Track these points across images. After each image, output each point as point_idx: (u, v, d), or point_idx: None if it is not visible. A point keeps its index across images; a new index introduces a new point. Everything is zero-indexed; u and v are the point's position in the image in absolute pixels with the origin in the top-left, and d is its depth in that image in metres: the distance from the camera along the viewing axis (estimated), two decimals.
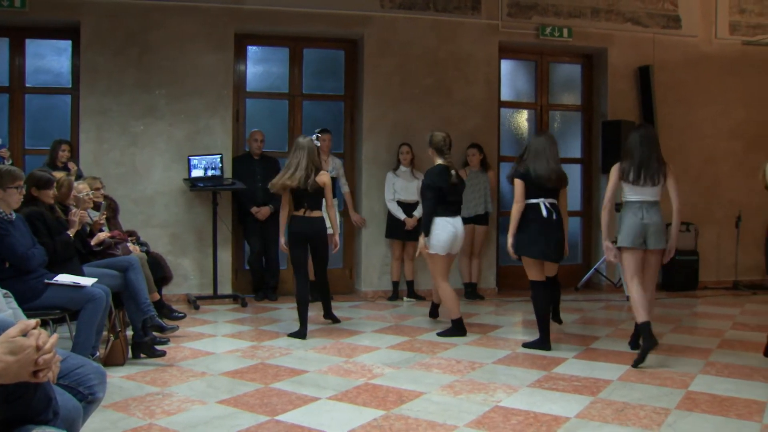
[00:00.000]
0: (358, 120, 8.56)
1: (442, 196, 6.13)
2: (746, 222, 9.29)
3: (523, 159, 5.83)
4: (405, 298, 8.20)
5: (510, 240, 5.72)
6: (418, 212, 8.03)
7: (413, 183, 8.11)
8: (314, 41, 8.59)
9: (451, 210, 6.21)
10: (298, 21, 8.17)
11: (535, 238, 5.64)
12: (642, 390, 4.49)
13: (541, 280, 5.74)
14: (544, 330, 5.71)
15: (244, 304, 7.54)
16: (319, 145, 6.69)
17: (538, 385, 4.61)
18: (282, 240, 6.41)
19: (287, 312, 7.32)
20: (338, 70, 8.75)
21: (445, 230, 6.12)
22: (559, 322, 6.60)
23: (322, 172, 6.23)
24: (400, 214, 8.04)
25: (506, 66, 9.28)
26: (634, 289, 5.32)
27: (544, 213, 5.64)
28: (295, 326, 6.18)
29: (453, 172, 6.22)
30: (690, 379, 4.76)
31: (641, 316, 5.23)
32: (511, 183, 5.79)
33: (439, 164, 6.22)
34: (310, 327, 6.37)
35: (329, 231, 6.57)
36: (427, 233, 6.13)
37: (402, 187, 8.11)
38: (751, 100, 9.67)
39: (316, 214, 6.22)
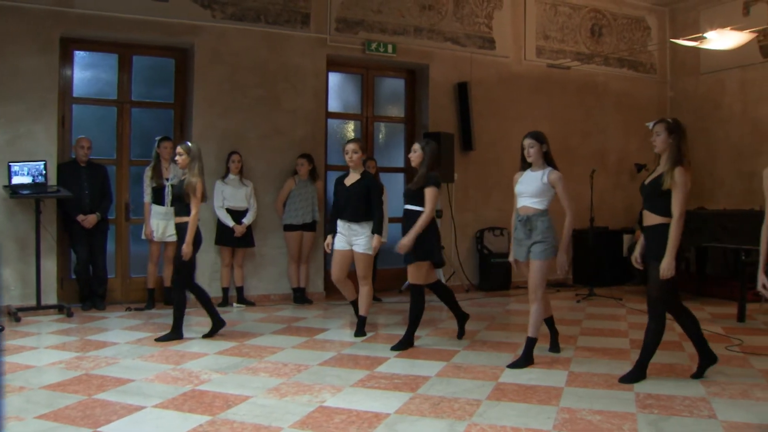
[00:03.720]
0: (187, 128, 8.56)
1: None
2: None
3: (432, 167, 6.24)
4: (235, 304, 8.35)
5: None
6: (247, 219, 8.27)
7: (242, 190, 8.29)
8: (144, 48, 8.52)
9: None
10: (127, 27, 8.07)
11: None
12: (457, 384, 4.86)
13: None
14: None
15: (69, 314, 7.39)
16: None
17: (361, 384, 4.86)
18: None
19: (116, 320, 7.29)
20: (168, 78, 8.71)
21: None
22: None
23: None
24: (229, 221, 8.19)
25: (334, 78, 9.61)
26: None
27: None
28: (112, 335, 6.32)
29: None
30: (500, 372, 5.21)
31: None
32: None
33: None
34: (138, 335, 6.44)
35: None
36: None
37: (231, 195, 8.25)
38: (554, 117, 10.62)
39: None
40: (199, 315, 7.58)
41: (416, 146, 6.23)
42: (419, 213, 6.09)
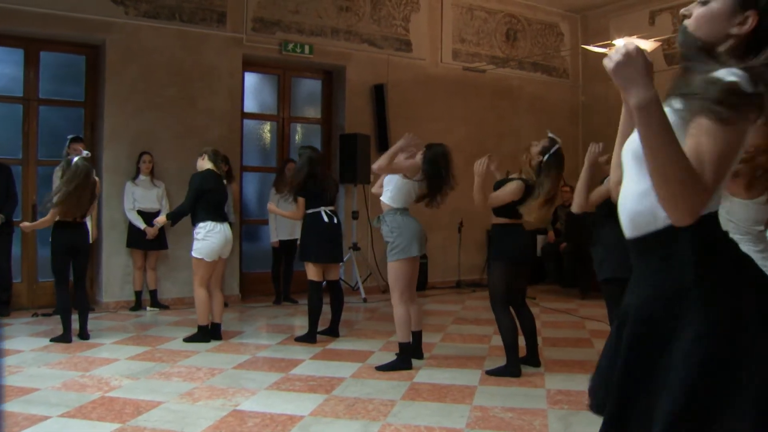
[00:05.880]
0: (98, 127, 8.34)
1: (215, 200, 6.46)
2: (467, 228, 10.37)
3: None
4: (148, 308, 8.17)
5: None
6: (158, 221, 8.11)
7: (153, 191, 8.15)
8: (53, 44, 8.22)
9: (223, 215, 6.53)
10: (34, 22, 7.75)
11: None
12: (372, 385, 4.91)
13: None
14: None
15: None
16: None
17: (275, 387, 4.85)
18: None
19: (21, 327, 7.01)
20: (79, 75, 8.44)
21: (218, 235, 6.39)
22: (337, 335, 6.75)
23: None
24: (140, 224, 8.01)
25: (250, 78, 9.53)
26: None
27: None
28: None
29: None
30: (415, 372, 5.28)
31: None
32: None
33: (209, 169, 6.55)
34: (44, 342, 6.24)
35: None
36: (175, 222, 6.59)
37: (142, 196, 8.09)
38: (470, 119, 10.80)
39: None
40: (111, 319, 7.43)
41: None
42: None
